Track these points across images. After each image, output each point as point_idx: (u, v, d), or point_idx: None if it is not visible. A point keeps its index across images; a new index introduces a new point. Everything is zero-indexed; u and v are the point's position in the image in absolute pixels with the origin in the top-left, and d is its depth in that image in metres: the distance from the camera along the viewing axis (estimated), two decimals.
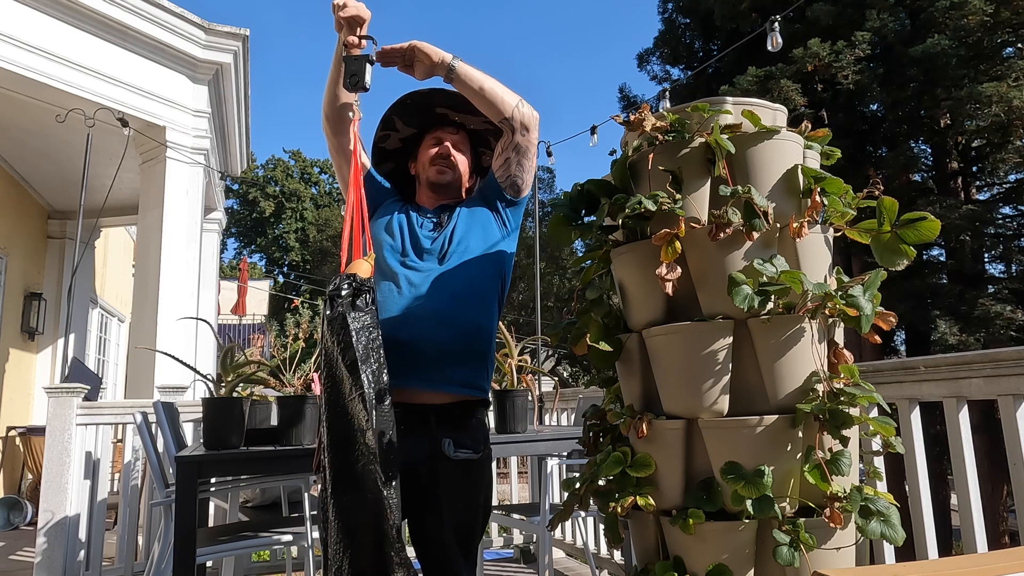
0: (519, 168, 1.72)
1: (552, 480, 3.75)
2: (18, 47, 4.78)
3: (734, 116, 1.37)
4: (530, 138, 1.69)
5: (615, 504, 1.33)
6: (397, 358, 1.52)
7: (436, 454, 1.57)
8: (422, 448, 1.57)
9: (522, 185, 1.75)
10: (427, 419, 1.59)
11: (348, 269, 1.50)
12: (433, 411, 1.60)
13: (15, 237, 6.91)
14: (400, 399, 1.56)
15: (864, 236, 1.35)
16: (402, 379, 1.56)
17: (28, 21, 4.85)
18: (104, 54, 5.31)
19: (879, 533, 1.22)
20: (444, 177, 1.79)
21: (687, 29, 14.05)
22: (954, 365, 2.02)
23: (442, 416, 1.60)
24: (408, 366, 1.57)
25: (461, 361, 1.62)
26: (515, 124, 1.65)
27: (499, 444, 2.67)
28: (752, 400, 1.28)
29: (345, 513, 1.37)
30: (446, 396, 1.61)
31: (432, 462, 1.57)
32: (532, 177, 1.76)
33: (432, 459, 1.57)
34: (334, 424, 1.40)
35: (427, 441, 1.58)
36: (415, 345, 1.58)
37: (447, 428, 1.60)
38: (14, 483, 6.69)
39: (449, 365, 1.60)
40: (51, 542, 3.37)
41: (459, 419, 1.63)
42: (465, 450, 1.60)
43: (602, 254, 1.52)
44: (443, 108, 1.83)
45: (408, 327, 1.60)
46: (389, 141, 1.92)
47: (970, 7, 9.39)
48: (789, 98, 9.96)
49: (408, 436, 1.55)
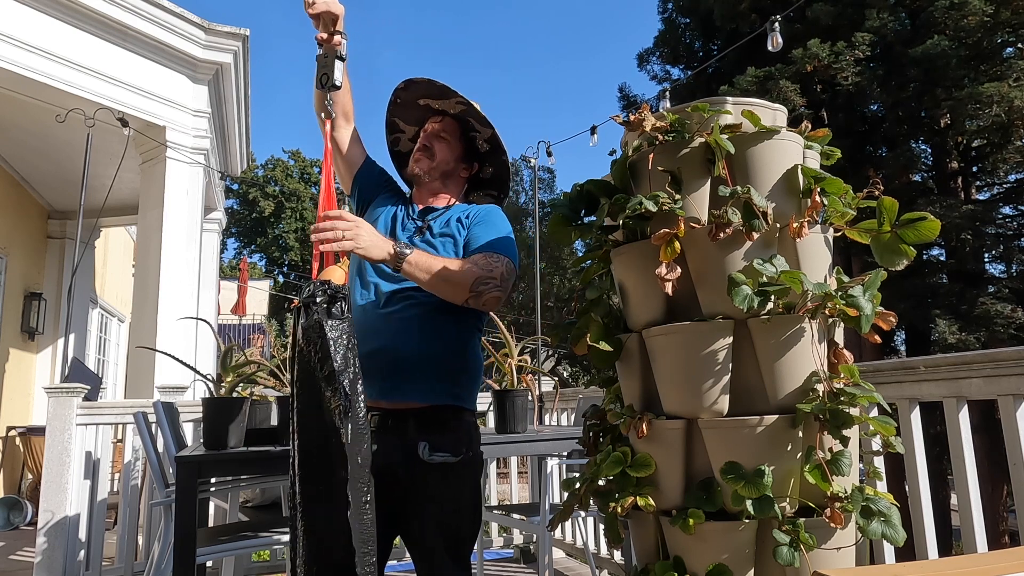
0: None
1: (552, 480, 3.75)
2: (18, 47, 4.78)
3: (734, 116, 1.37)
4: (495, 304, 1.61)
5: (615, 504, 1.33)
6: (372, 366, 1.50)
7: (412, 458, 1.54)
8: (399, 451, 1.55)
9: None
10: (405, 422, 1.57)
11: (321, 275, 1.45)
12: (412, 415, 1.57)
13: (15, 237, 6.91)
14: (377, 405, 1.57)
15: (864, 236, 1.35)
16: (377, 388, 1.54)
17: (28, 21, 4.85)
18: (104, 54, 5.31)
19: (880, 533, 1.22)
20: (419, 167, 1.75)
21: (687, 29, 14.06)
22: (954, 365, 2.02)
23: (420, 419, 1.57)
24: (383, 375, 1.56)
25: (435, 371, 1.59)
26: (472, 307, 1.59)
27: (499, 444, 2.67)
28: (752, 400, 1.28)
29: (315, 528, 1.33)
30: (421, 404, 1.58)
31: (409, 466, 1.54)
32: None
33: (409, 463, 1.54)
34: (307, 436, 1.36)
35: (403, 444, 1.55)
36: (389, 353, 1.57)
37: (425, 431, 1.56)
38: (14, 483, 6.69)
39: (423, 375, 1.57)
40: (51, 542, 3.37)
41: (438, 422, 1.59)
42: (442, 453, 1.55)
43: (602, 254, 1.52)
44: (424, 99, 1.79)
45: (381, 335, 1.58)
46: (402, 144, 1.91)
47: (970, 7, 9.39)
48: (788, 98, 9.96)
49: (385, 438, 1.54)
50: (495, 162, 1.88)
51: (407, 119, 1.86)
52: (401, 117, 1.86)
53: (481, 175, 1.90)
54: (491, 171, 1.90)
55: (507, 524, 3.40)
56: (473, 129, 1.82)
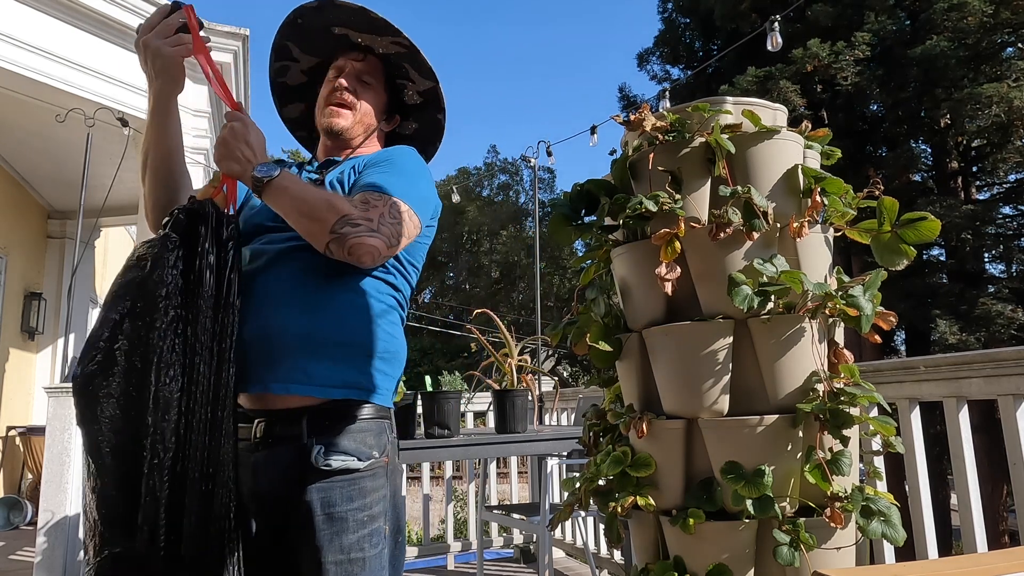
0: None
1: (552, 480, 3.75)
2: (18, 47, 4.78)
3: (734, 116, 1.37)
4: (374, 261, 1.21)
5: (615, 504, 1.33)
6: (248, 355, 1.19)
7: (305, 467, 1.17)
8: (287, 462, 1.19)
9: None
10: (297, 423, 1.20)
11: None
12: (305, 413, 1.20)
13: (15, 237, 6.91)
14: (259, 405, 1.24)
15: (864, 236, 1.35)
16: (256, 381, 1.20)
17: (28, 21, 4.85)
18: (104, 53, 5.31)
19: (880, 533, 1.22)
20: (338, 123, 1.39)
21: (687, 29, 14.07)
22: (954, 365, 2.02)
23: (315, 418, 1.20)
24: (262, 365, 1.20)
25: (329, 355, 1.22)
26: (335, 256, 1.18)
27: (499, 444, 2.67)
28: (752, 400, 1.28)
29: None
30: (314, 399, 1.21)
31: (301, 481, 1.18)
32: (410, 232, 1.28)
33: (301, 475, 1.18)
34: (123, 457, 1.02)
35: (295, 451, 1.19)
36: (269, 338, 1.21)
37: (321, 432, 1.20)
38: (14, 483, 6.69)
39: (314, 360, 1.21)
40: (51, 542, 3.37)
41: (339, 420, 1.22)
42: (343, 456, 1.18)
43: (602, 254, 1.52)
44: (342, 28, 1.41)
45: (260, 315, 1.21)
46: (290, 75, 1.51)
47: (970, 7, 9.40)
48: (788, 98, 9.97)
49: (273, 449, 1.21)
50: (423, 119, 1.54)
51: (308, 47, 1.45)
52: (299, 43, 1.44)
53: (399, 131, 1.53)
54: (414, 127, 1.55)
55: (507, 524, 3.40)
56: (404, 76, 1.47)
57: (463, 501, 9.19)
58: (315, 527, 1.16)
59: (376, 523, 1.21)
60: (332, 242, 1.15)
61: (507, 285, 24.89)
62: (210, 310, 1.10)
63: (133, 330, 1.07)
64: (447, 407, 2.65)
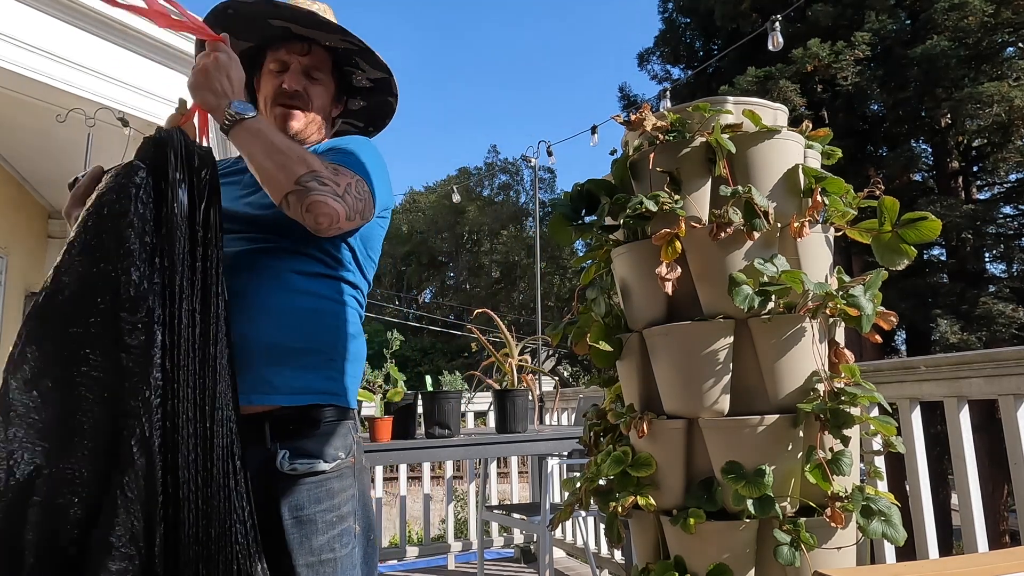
0: None
1: (552, 480, 3.75)
2: (18, 47, 4.78)
3: (735, 116, 1.37)
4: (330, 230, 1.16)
5: (615, 504, 1.33)
6: None
7: (271, 472, 1.16)
8: (253, 469, 1.14)
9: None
10: (260, 429, 1.19)
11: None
12: (268, 419, 1.19)
13: (15, 237, 6.91)
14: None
15: (865, 236, 1.35)
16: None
17: (28, 21, 4.85)
18: (104, 53, 5.31)
19: (881, 533, 1.22)
20: (292, 125, 1.33)
21: (687, 29, 14.07)
22: (955, 365, 2.02)
23: (278, 423, 1.19)
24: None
25: (292, 363, 1.21)
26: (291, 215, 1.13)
27: (499, 444, 2.67)
28: (753, 400, 1.28)
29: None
30: (277, 406, 1.20)
31: (268, 487, 1.16)
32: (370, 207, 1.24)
33: (268, 481, 1.16)
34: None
35: (260, 457, 1.17)
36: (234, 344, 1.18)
37: (285, 437, 1.19)
38: None
39: (276, 370, 1.19)
40: None
41: (303, 424, 1.21)
42: (307, 460, 1.18)
43: (603, 254, 1.52)
44: (282, 22, 1.34)
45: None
46: None
47: (970, 7, 9.40)
48: (789, 98, 9.97)
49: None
50: (372, 100, 1.51)
51: (241, 33, 1.34)
52: (230, 28, 1.27)
53: (350, 107, 1.51)
54: (362, 104, 1.52)
55: (507, 524, 3.40)
56: (353, 66, 1.43)
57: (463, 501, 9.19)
58: (285, 531, 1.15)
59: (345, 523, 1.20)
60: (292, 193, 1.10)
61: (507, 285, 24.91)
62: (187, 240, 1.02)
63: (94, 265, 0.98)
64: (447, 407, 2.65)
